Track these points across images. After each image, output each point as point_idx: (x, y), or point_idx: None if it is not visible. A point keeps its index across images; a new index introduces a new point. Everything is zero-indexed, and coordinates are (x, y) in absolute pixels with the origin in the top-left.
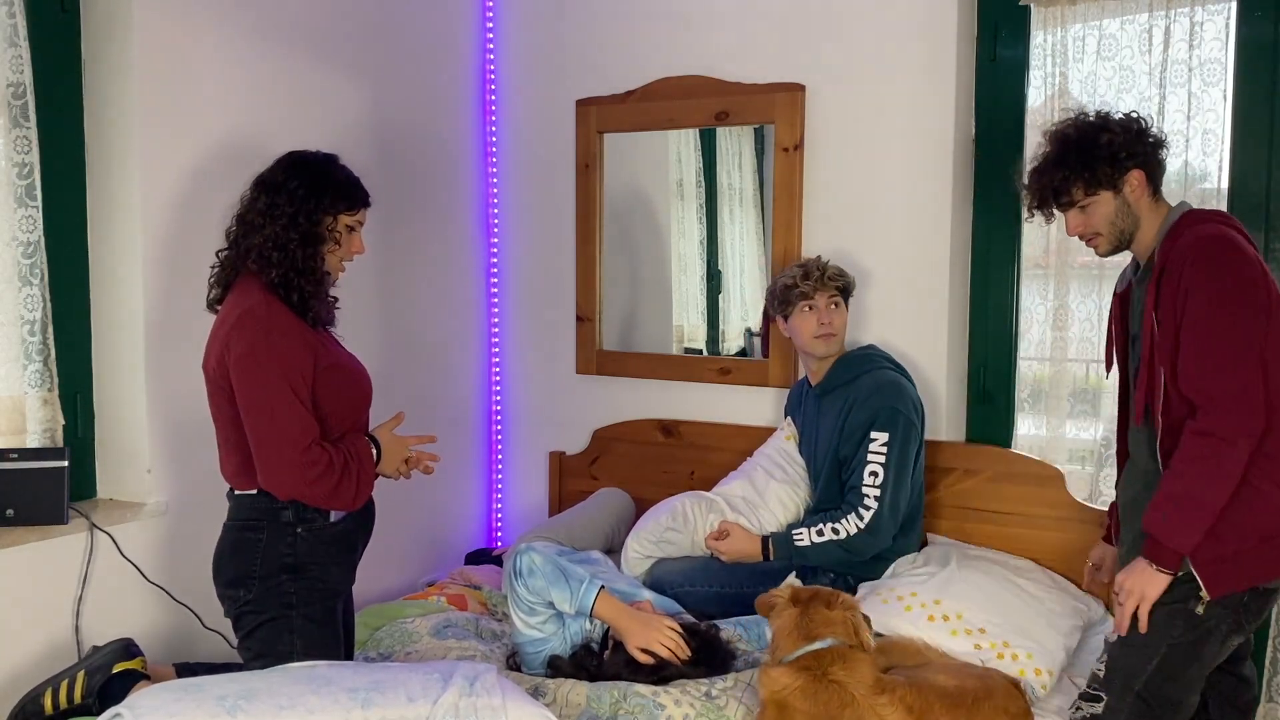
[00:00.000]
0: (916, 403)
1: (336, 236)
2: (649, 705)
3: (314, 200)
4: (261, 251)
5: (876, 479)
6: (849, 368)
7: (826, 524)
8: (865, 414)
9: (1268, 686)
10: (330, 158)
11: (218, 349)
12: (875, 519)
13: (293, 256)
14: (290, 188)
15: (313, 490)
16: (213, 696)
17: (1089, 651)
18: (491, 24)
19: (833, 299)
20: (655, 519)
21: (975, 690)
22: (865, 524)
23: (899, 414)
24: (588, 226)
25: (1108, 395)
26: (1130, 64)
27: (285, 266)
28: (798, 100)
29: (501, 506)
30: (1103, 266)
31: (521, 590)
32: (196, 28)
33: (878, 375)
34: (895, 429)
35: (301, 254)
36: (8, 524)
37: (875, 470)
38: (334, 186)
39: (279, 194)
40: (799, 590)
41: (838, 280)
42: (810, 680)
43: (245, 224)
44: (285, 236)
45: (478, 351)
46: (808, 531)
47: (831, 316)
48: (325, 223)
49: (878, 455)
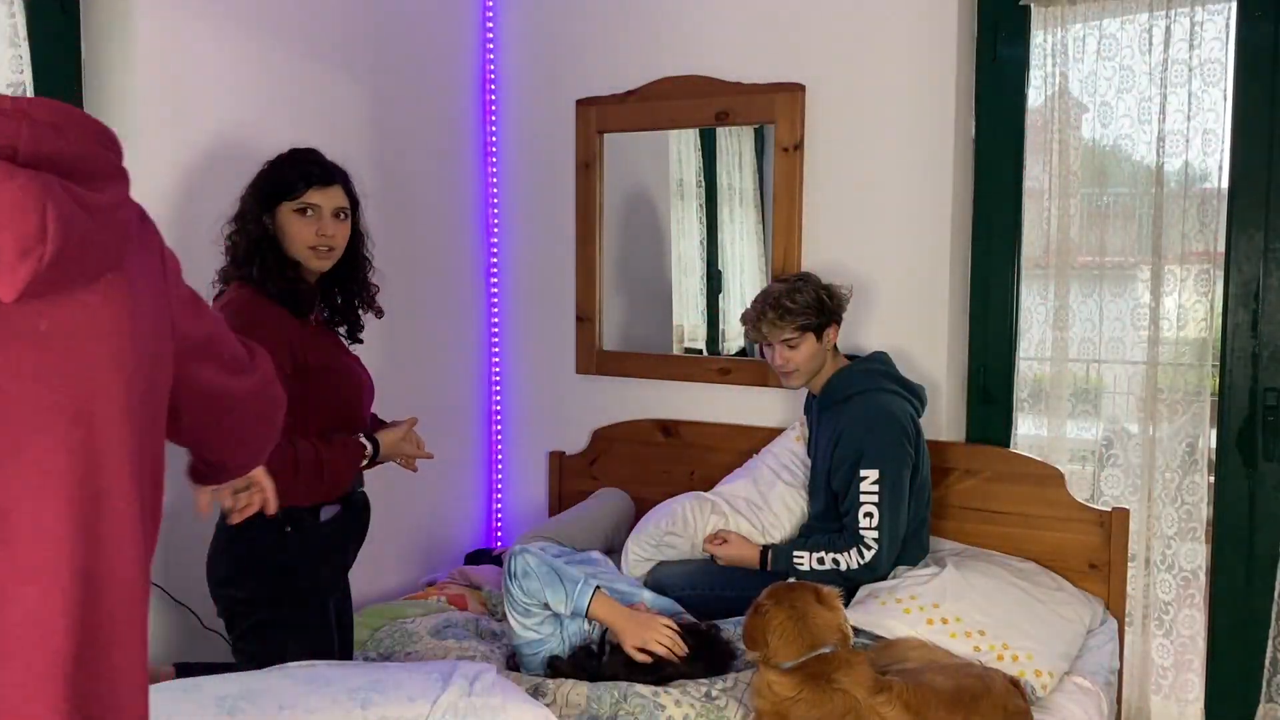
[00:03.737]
0: (907, 427)
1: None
2: (649, 705)
3: (255, 200)
4: (232, 255)
5: (872, 520)
6: (843, 386)
7: (828, 553)
8: (852, 448)
9: (1267, 686)
10: (292, 151)
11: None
12: (876, 558)
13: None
14: (248, 189)
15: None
16: (212, 697)
17: (1090, 652)
18: (491, 24)
19: (786, 341)
20: (655, 522)
21: (974, 689)
22: (867, 562)
23: (887, 449)
24: (588, 226)
25: (1108, 395)
26: (1130, 64)
27: (251, 265)
28: (798, 100)
29: (501, 506)
30: (1103, 266)
31: (516, 592)
32: (197, 28)
33: (869, 401)
34: (885, 465)
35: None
36: None
37: (870, 512)
38: (273, 179)
39: (243, 198)
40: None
41: (791, 322)
42: (813, 690)
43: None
44: (241, 240)
45: (478, 351)
46: (808, 557)
47: (788, 356)
48: (274, 215)
49: (870, 495)
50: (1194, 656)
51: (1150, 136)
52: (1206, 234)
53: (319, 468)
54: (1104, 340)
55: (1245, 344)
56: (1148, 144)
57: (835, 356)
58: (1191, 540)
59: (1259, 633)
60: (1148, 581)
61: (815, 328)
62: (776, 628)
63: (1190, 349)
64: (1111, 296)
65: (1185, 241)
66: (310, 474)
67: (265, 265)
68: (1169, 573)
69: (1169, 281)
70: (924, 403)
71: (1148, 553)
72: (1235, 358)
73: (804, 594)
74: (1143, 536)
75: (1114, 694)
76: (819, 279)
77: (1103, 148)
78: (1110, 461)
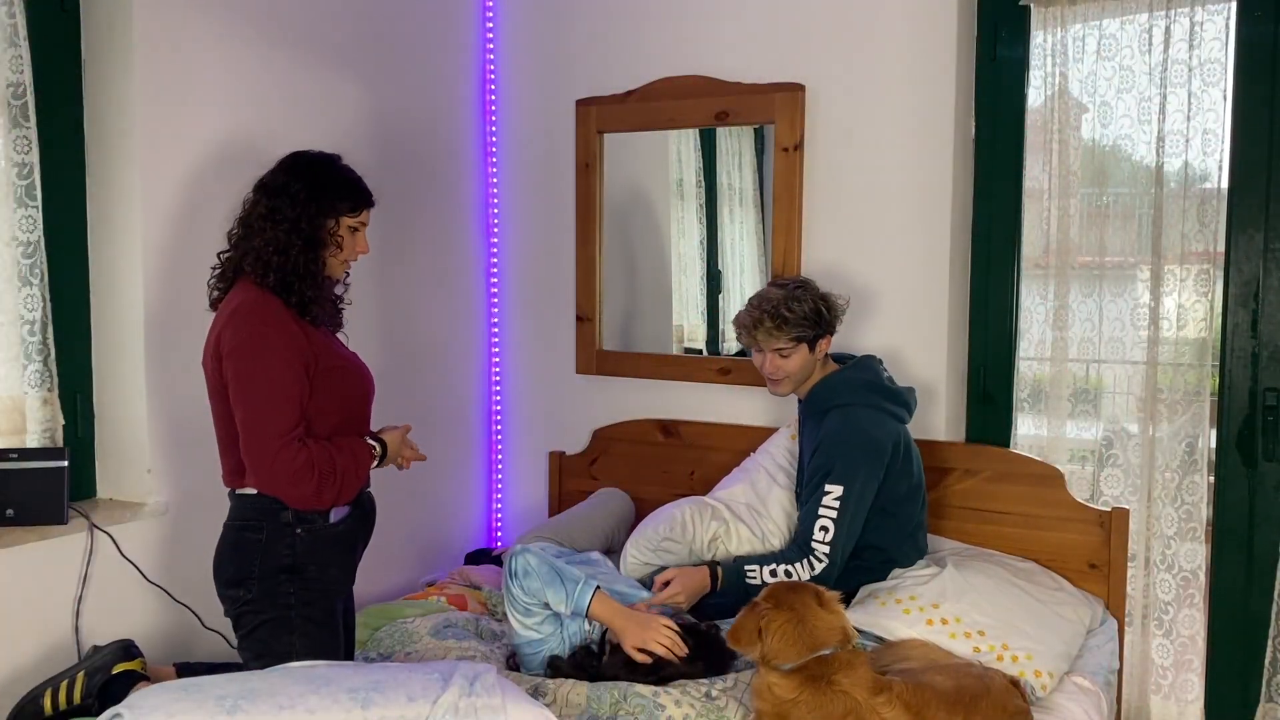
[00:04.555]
0: (884, 446)
1: (339, 240)
2: (649, 705)
3: (315, 203)
4: (260, 255)
5: (827, 534)
6: (826, 396)
7: (780, 565)
8: (824, 461)
9: (1267, 686)
10: (332, 158)
11: (213, 343)
12: (826, 571)
13: (294, 261)
14: (292, 191)
15: (292, 488)
16: (213, 696)
17: (1089, 652)
18: (491, 24)
19: (780, 350)
20: (653, 526)
21: (974, 689)
22: (817, 574)
23: (856, 469)
24: (588, 226)
25: (1107, 395)
26: (1130, 64)
27: (284, 271)
28: (798, 100)
29: (501, 506)
30: (1103, 266)
31: (517, 591)
32: (196, 27)
33: (848, 416)
34: (850, 484)
35: (303, 259)
36: (8, 524)
37: (826, 526)
38: (335, 188)
39: (280, 197)
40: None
41: (788, 333)
42: (814, 693)
43: (246, 227)
44: (287, 241)
45: (478, 351)
46: (760, 570)
47: (779, 365)
48: (327, 226)
49: (829, 510)
50: (1194, 656)
51: (1150, 136)
52: (1206, 234)
53: (334, 471)
54: (1104, 340)
55: (1245, 344)
56: (1148, 144)
57: (824, 361)
58: (1191, 540)
59: (1259, 633)
60: (1147, 581)
61: (810, 339)
62: (777, 629)
63: (1190, 349)
64: (1111, 296)
65: (1185, 241)
66: (326, 479)
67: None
68: (1169, 573)
69: (1169, 281)
70: (913, 408)
71: (1147, 553)
72: (1235, 358)
73: (804, 596)
74: (1142, 536)
75: (1114, 694)
76: (818, 287)
77: (1103, 148)
78: (1110, 461)
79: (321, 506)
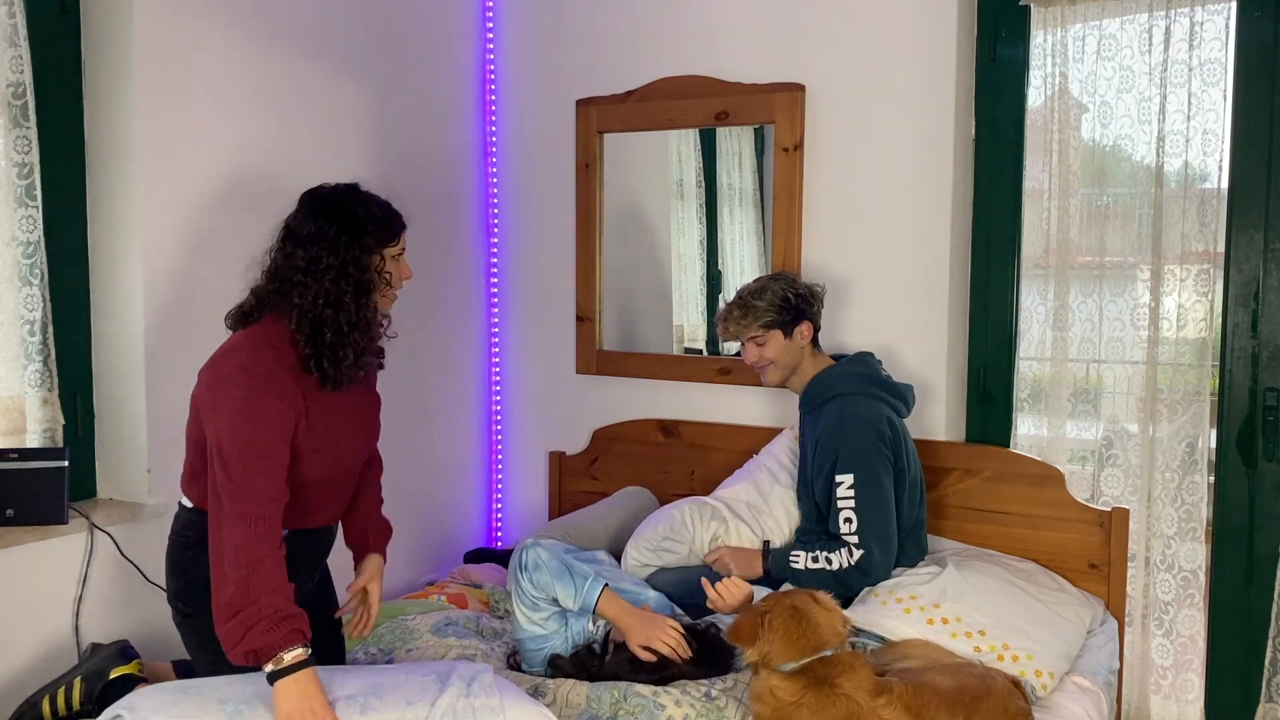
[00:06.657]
0: (882, 430)
1: (387, 276)
2: (649, 705)
3: (356, 244)
4: (308, 311)
5: (852, 524)
6: (821, 389)
7: (821, 551)
8: (828, 454)
9: (1267, 686)
10: (352, 190)
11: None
12: (867, 560)
13: (348, 311)
14: (329, 235)
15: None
16: (214, 700)
17: (1090, 652)
18: (491, 24)
19: (754, 339)
20: (653, 527)
21: (974, 689)
22: (857, 561)
23: (860, 453)
24: (588, 226)
25: (1107, 395)
26: (1130, 64)
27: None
28: (798, 100)
29: (501, 506)
30: (1103, 266)
31: (526, 584)
32: (197, 27)
33: (844, 405)
34: (859, 469)
35: (355, 306)
36: (8, 524)
37: (849, 517)
38: (370, 222)
39: (315, 244)
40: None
41: (756, 320)
42: (815, 695)
43: (281, 280)
44: (337, 290)
45: (478, 351)
46: (804, 555)
47: (758, 353)
48: (374, 264)
49: (846, 500)
50: (1194, 656)
51: (1150, 136)
52: (1206, 234)
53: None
54: (1104, 340)
55: (1245, 344)
56: (1147, 144)
57: (817, 357)
58: (1191, 540)
59: (1259, 633)
60: (1147, 581)
61: (782, 324)
62: (779, 628)
63: (1190, 349)
64: (1111, 296)
65: (1185, 241)
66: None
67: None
68: (1169, 573)
69: (1169, 281)
70: (910, 403)
71: (1147, 553)
72: (1235, 358)
73: (803, 595)
74: (1142, 536)
75: (1114, 694)
76: (791, 277)
77: (1102, 148)
78: (1110, 461)
79: (218, 601)
